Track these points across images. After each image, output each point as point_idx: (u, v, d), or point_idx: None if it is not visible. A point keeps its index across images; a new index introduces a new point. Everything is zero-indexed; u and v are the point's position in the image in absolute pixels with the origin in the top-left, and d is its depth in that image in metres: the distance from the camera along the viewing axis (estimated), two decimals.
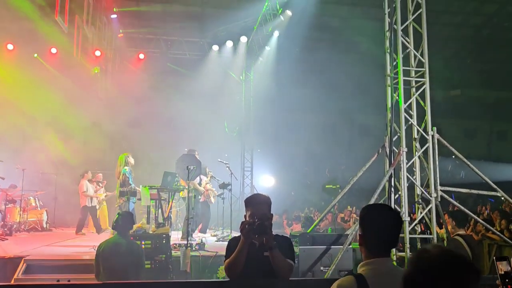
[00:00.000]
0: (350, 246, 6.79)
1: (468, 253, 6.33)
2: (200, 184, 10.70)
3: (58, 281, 3.96)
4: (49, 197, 13.27)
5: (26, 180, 11.86)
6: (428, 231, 6.87)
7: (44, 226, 12.29)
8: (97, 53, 14.16)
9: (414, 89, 7.24)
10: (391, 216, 2.41)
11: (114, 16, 14.52)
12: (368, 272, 2.30)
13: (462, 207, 7.10)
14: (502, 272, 2.34)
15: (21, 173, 11.78)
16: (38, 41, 14.79)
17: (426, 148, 6.99)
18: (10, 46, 14.61)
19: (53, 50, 14.93)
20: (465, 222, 7.13)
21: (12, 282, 6.38)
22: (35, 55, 15.22)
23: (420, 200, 6.99)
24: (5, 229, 10.64)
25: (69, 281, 3.84)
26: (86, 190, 11.73)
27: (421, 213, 6.84)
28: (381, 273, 2.31)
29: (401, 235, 4.03)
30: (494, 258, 2.43)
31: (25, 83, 15.08)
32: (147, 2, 15.14)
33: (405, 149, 6.85)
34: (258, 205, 3.29)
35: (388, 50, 7.19)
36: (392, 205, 6.55)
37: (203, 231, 11.02)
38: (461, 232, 6.62)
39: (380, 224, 2.37)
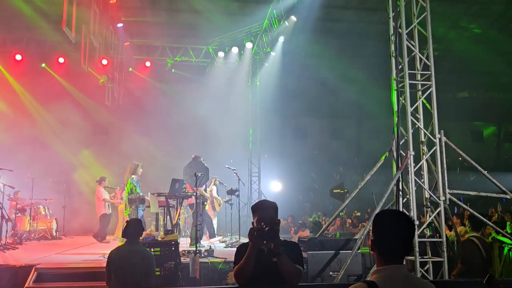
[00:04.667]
0: (359, 251, 6.76)
1: (483, 255, 6.32)
2: (205, 190, 10.72)
3: None
4: (58, 205, 13.36)
5: (35, 189, 11.97)
6: (437, 235, 6.82)
7: (54, 234, 12.38)
8: (104, 61, 14.30)
9: (420, 92, 7.24)
10: (404, 222, 2.35)
11: (120, 25, 14.66)
12: (380, 279, 2.25)
13: (471, 210, 7.06)
14: None
15: (31, 182, 11.89)
16: (46, 51, 15.03)
17: (434, 151, 6.97)
18: (18, 57, 14.83)
19: (61, 60, 15.17)
20: (481, 227, 7.05)
21: None
22: (43, 64, 15.43)
23: (428, 203, 6.96)
24: (15, 238, 10.74)
25: None
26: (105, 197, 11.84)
27: (429, 216, 6.81)
28: (394, 280, 2.25)
29: None
30: None
31: (33, 93, 15.30)
32: (153, 10, 15.25)
33: (413, 153, 6.83)
34: (265, 211, 3.31)
35: (394, 54, 7.19)
36: (401, 209, 6.52)
37: (210, 237, 11.03)
38: (475, 234, 6.62)
39: (392, 230, 2.33)
